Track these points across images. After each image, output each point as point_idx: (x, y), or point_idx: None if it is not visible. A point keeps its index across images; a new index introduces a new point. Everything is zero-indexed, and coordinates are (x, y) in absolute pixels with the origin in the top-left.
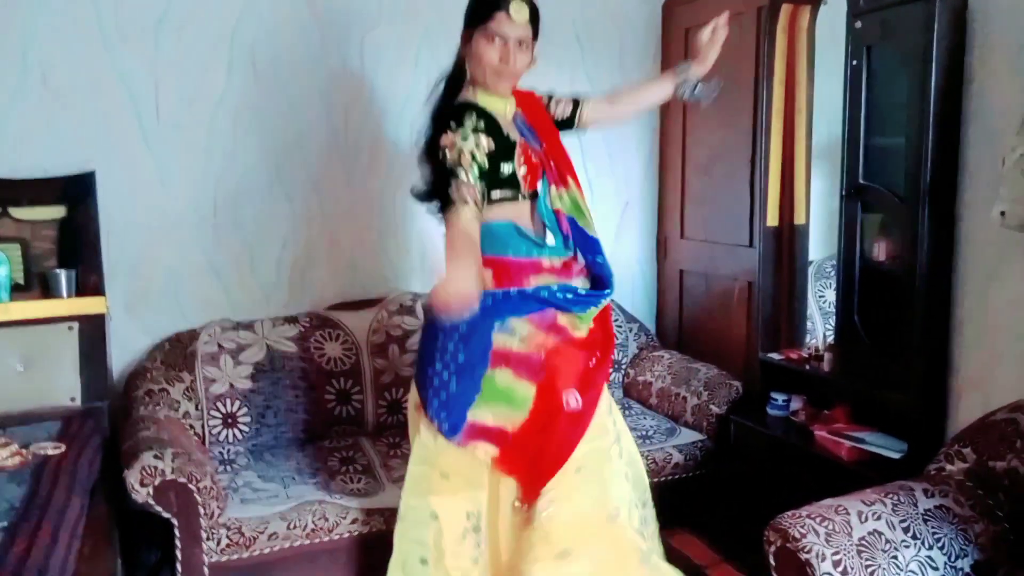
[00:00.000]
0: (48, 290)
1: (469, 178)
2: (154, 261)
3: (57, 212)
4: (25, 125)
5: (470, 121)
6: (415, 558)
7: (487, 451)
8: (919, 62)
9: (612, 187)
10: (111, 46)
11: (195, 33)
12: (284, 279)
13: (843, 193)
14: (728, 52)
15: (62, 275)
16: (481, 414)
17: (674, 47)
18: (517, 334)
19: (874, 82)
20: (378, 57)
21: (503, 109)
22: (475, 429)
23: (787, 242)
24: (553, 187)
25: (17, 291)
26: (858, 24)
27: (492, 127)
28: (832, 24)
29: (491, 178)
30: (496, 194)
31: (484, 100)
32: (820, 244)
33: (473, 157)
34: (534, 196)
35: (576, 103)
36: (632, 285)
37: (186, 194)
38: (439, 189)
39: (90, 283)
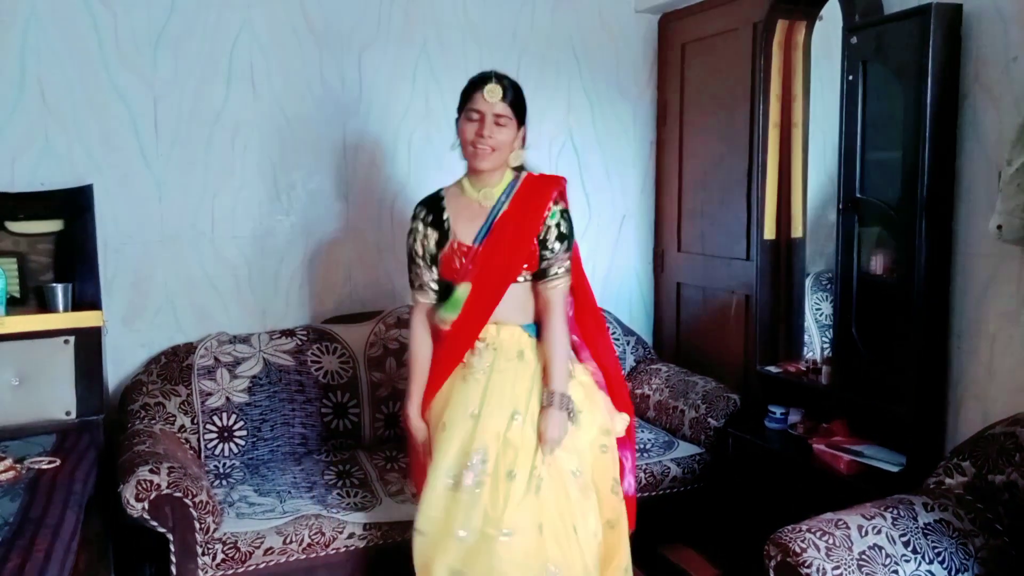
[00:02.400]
0: (44, 304)
1: (423, 263)
2: (151, 275)
3: (54, 226)
4: (23, 140)
5: (420, 213)
6: None
7: None
8: (914, 77)
9: (609, 201)
10: (109, 62)
11: (194, 49)
12: (281, 293)
13: (840, 207)
14: (724, 67)
15: (58, 289)
16: None
17: (671, 62)
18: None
19: (870, 97)
20: (376, 74)
21: (476, 198)
22: None
23: (784, 255)
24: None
25: (13, 305)
26: (853, 40)
27: (438, 221)
28: (828, 40)
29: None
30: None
31: (464, 186)
32: (817, 257)
33: (424, 247)
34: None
35: (543, 274)
36: (629, 298)
37: (184, 208)
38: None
39: (87, 297)
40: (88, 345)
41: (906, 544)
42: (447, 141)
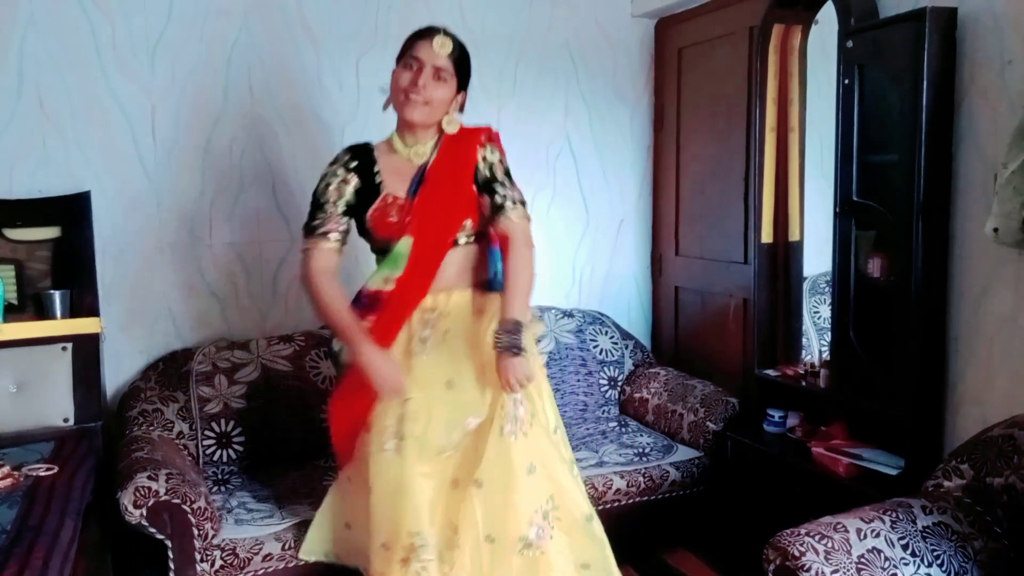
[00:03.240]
0: (42, 311)
1: (335, 208)
2: (149, 281)
3: (52, 233)
4: (21, 146)
5: (344, 156)
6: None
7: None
8: (910, 80)
9: (607, 205)
10: (107, 69)
11: (192, 56)
12: (280, 299)
13: (837, 210)
14: (721, 71)
15: (56, 296)
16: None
17: (668, 66)
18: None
19: (866, 100)
20: (373, 79)
21: (406, 153)
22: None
23: (782, 259)
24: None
25: (11, 312)
26: (849, 43)
27: (365, 169)
28: (824, 44)
29: (358, 224)
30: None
31: (394, 142)
32: (814, 260)
33: (341, 191)
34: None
35: (497, 209)
36: (628, 302)
37: (182, 215)
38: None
39: (84, 303)
40: (86, 352)
41: (905, 547)
42: None
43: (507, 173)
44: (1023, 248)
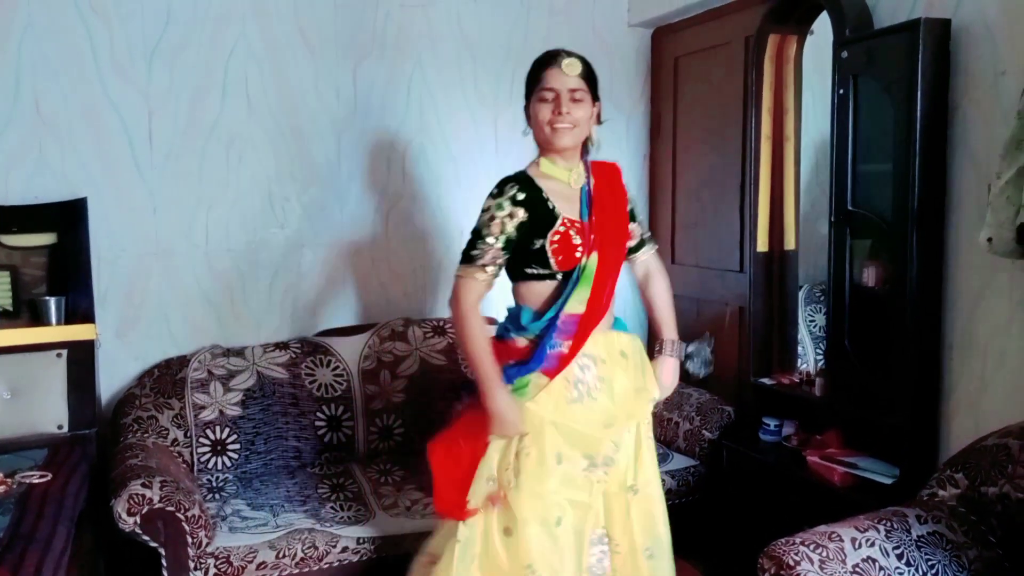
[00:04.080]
0: (37, 317)
1: (496, 242)
2: (145, 288)
3: (48, 239)
4: (17, 152)
5: (510, 190)
6: None
7: None
8: (904, 91)
9: None
10: (104, 74)
11: (189, 62)
12: (275, 305)
13: (832, 219)
14: (717, 81)
15: (51, 302)
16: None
17: (664, 75)
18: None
19: (861, 110)
20: (370, 86)
21: (567, 178)
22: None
23: (777, 267)
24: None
25: (6, 318)
26: (844, 54)
27: (534, 200)
28: (819, 54)
29: (523, 252)
30: (529, 270)
31: (547, 169)
32: (810, 269)
33: (503, 226)
34: (568, 275)
35: (643, 242)
36: (624, 310)
37: (178, 221)
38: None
39: (80, 310)
40: (81, 358)
41: (900, 557)
42: (441, 153)
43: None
44: (1017, 257)
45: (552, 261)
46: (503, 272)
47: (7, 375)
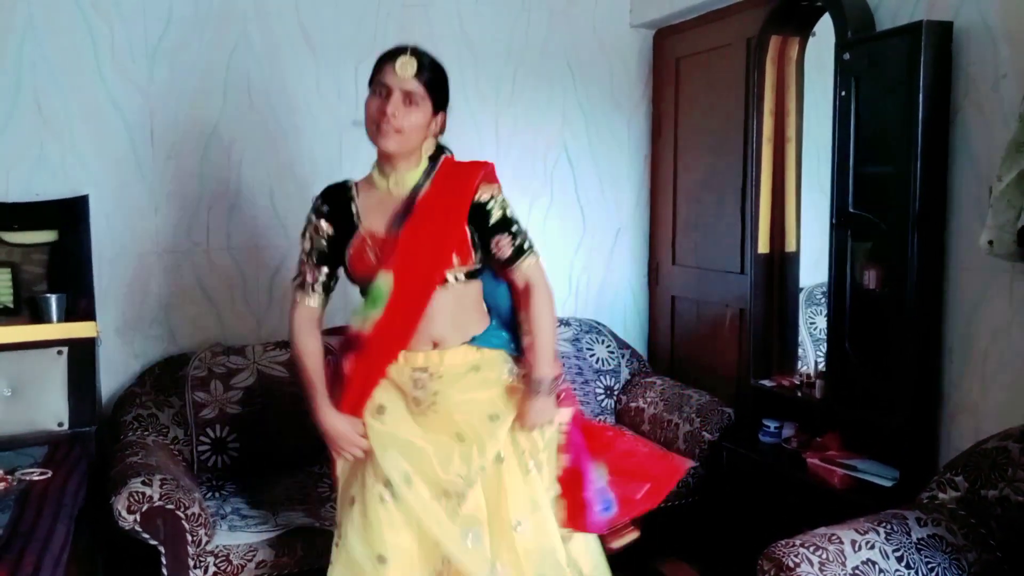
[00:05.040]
0: (38, 314)
1: (308, 259)
2: (146, 286)
3: (48, 236)
4: (18, 149)
5: (318, 203)
6: None
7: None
8: (905, 93)
9: (604, 214)
10: (105, 73)
11: (190, 61)
12: (276, 304)
13: (833, 221)
14: (718, 82)
15: (52, 299)
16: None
17: (666, 76)
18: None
19: (862, 112)
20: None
21: (385, 187)
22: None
23: (778, 269)
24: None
25: (6, 315)
26: (846, 56)
27: (341, 210)
28: (821, 55)
29: (338, 262)
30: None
31: (373, 175)
32: (811, 271)
33: (312, 241)
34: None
35: (518, 254)
36: (624, 311)
37: (179, 219)
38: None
39: (80, 307)
40: (81, 356)
41: (899, 559)
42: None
43: (512, 214)
44: (1017, 260)
45: (352, 277)
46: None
47: (8, 372)
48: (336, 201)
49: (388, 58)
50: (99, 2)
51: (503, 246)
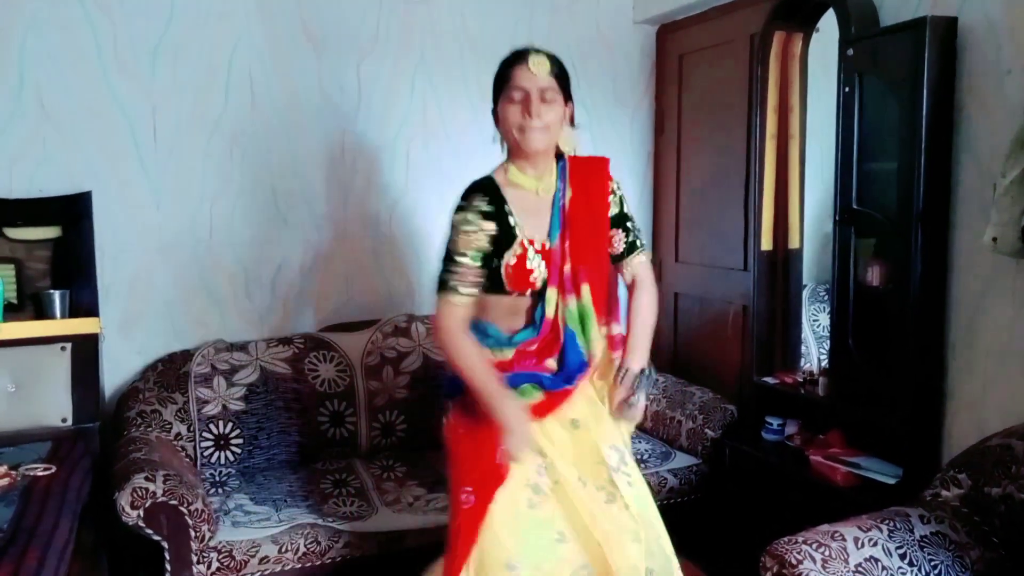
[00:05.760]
0: (41, 310)
1: (469, 260)
2: (149, 282)
3: (52, 232)
4: (21, 146)
5: (478, 203)
6: None
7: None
8: (909, 89)
9: None
10: (108, 70)
11: (193, 58)
12: (279, 300)
13: (836, 218)
14: (722, 78)
15: (56, 295)
16: None
17: (669, 73)
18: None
19: (866, 108)
20: (374, 83)
21: (534, 187)
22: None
23: (781, 266)
24: (557, 292)
25: (10, 311)
26: (850, 52)
27: (499, 212)
28: (824, 52)
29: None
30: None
31: (515, 177)
32: (814, 268)
33: (476, 242)
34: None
35: (630, 250)
36: (626, 308)
37: (182, 216)
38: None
39: (84, 303)
40: (85, 352)
41: (902, 557)
42: (444, 150)
43: (628, 210)
44: (1021, 257)
45: (505, 282)
46: None
47: (11, 368)
48: (491, 198)
49: (516, 61)
50: None
51: (618, 241)
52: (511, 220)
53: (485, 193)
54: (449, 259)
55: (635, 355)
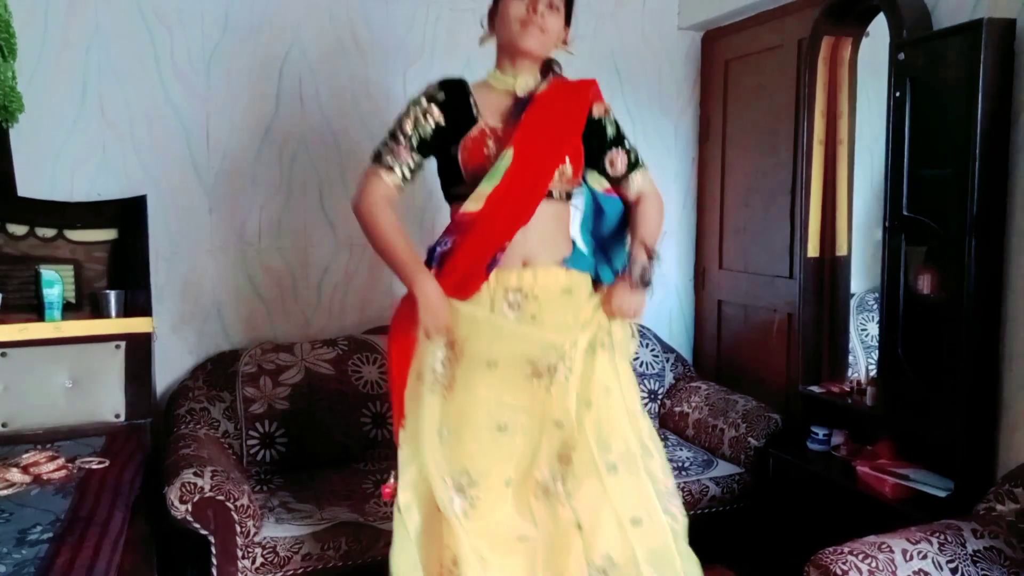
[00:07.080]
0: (98, 310)
1: (407, 140)
2: (200, 283)
3: (109, 235)
4: (82, 152)
5: (433, 90)
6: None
7: None
8: (964, 94)
9: None
10: (166, 78)
11: (245, 67)
12: (324, 303)
13: (886, 224)
14: (769, 84)
15: (112, 295)
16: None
17: (714, 79)
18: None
19: (918, 113)
20: (421, 89)
21: (511, 85)
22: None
23: (828, 273)
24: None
25: (69, 310)
26: (901, 56)
27: (458, 103)
28: (875, 56)
29: (444, 167)
30: (454, 190)
31: (494, 80)
32: (862, 276)
33: (415, 123)
34: None
35: (632, 168)
36: (670, 315)
37: (232, 219)
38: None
39: (138, 303)
40: (138, 350)
41: (953, 571)
42: None
43: (622, 131)
44: None
45: (462, 171)
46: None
47: (69, 365)
48: (453, 93)
49: None
50: (161, 11)
51: (618, 160)
52: (474, 111)
53: (447, 86)
54: (390, 135)
55: (641, 247)
